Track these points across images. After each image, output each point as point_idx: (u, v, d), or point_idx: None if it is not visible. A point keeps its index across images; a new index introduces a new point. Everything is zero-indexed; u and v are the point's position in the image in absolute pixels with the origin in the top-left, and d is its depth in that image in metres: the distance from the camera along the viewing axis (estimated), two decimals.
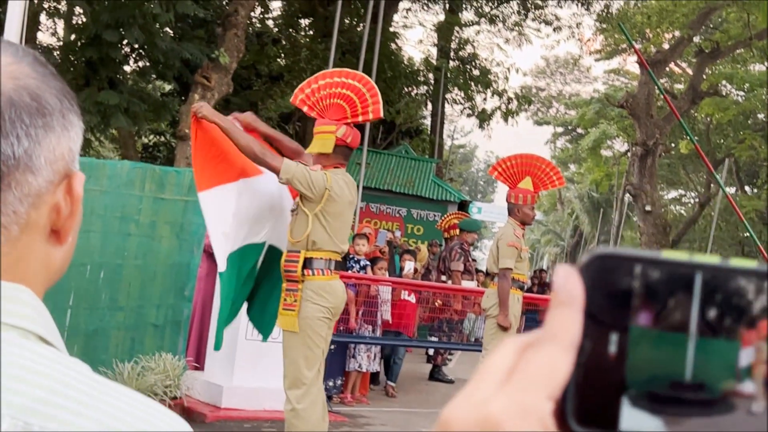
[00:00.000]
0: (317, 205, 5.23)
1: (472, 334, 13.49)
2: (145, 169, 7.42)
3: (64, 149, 0.88)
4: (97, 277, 7.07)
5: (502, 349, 0.52)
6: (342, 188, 5.33)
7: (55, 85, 0.89)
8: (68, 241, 0.92)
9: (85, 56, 14.24)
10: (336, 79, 5.56)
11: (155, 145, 26.35)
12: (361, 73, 5.80)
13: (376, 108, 5.52)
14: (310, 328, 5.23)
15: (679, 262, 0.48)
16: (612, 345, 0.49)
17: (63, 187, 0.89)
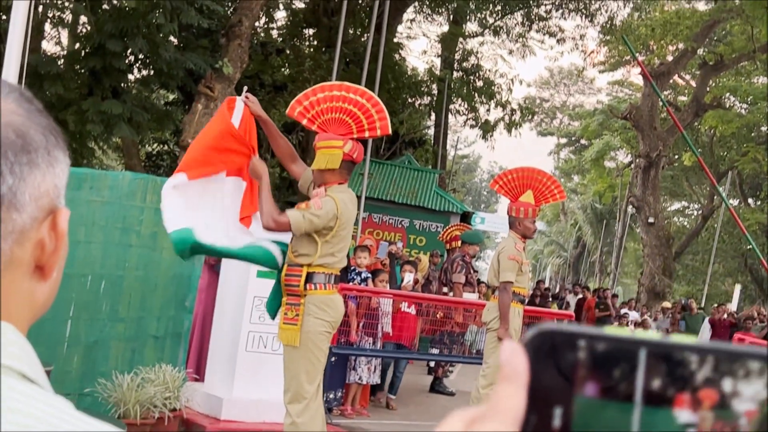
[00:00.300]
0: (329, 234, 5.24)
1: (473, 346, 13.47)
2: (146, 180, 7.42)
3: (49, 185, 0.89)
4: (97, 288, 7.06)
5: (449, 421, 0.53)
6: (348, 209, 5.32)
7: (40, 122, 0.89)
8: (53, 277, 0.92)
9: (89, 65, 14.27)
10: (336, 93, 5.48)
11: (159, 154, 26.40)
12: (363, 87, 5.74)
13: (384, 125, 5.48)
14: (312, 342, 5.22)
15: (623, 339, 0.48)
16: (556, 419, 0.49)
17: (48, 223, 0.89)
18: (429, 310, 10.86)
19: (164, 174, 23.96)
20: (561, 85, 57.72)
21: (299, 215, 5.17)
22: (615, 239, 43.09)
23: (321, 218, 5.16)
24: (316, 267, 5.25)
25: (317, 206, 5.18)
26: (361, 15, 23.19)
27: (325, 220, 5.17)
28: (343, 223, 5.26)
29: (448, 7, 26.21)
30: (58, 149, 0.90)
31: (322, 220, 5.16)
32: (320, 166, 5.35)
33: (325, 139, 5.38)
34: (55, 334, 6.79)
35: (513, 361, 0.51)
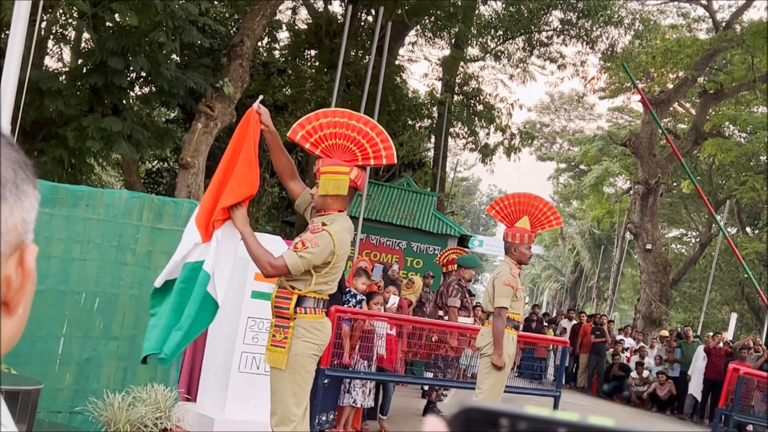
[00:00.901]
0: (324, 268, 5.24)
1: (468, 370, 13.44)
2: (143, 198, 7.43)
3: (17, 220, 0.87)
4: (91, 305, 7.06)
5: None
6: (344, 242, 5.31)
7: (10, 156, 0.87)
8: (18, 313, 0.91)
9: (90, 82, 14.32)
10: (339, 119, 5.46)
11: (158, 171, 26.45)
12: (366, 116, 5.73)
13: (390, 154, 5.47)
14: (300, 365, 5.22)
15: (543, 419, 0.49)
16: None
17: (15, 259, 0.88)
18: (418, 332, 10.81)
19: (163, 191, 24.00)
20: (561, 111, 57.83)
21: (296, 257, 5.15)
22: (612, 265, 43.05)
23: (317, 255, 5.15)
24: (308, 292, 5.25)
25: (313, 243, 5.16)
26: (363, 37, 23.28)
27: (322, 257, 5.17)
28: (341, 256, 5.26)
29: (449, 31, 26.31)
30: (27, 183, 0.89)
31: (318, 258, 5.15)
32: (327, 192, 5.33)
33: (330, 164, 5.36)
34: (47, 351, 6.79)
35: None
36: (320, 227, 5.25)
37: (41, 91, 13.55)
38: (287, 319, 5.26)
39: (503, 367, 7.74)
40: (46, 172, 13.93)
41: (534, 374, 18.83)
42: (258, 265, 5.25)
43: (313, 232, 5.23)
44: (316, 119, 5.49)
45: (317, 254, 5.14)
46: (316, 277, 5.22)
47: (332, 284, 5.34)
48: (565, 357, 13.17)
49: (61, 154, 14.40)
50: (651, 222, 31.16)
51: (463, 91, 28.68)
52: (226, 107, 15.32)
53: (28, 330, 6.61)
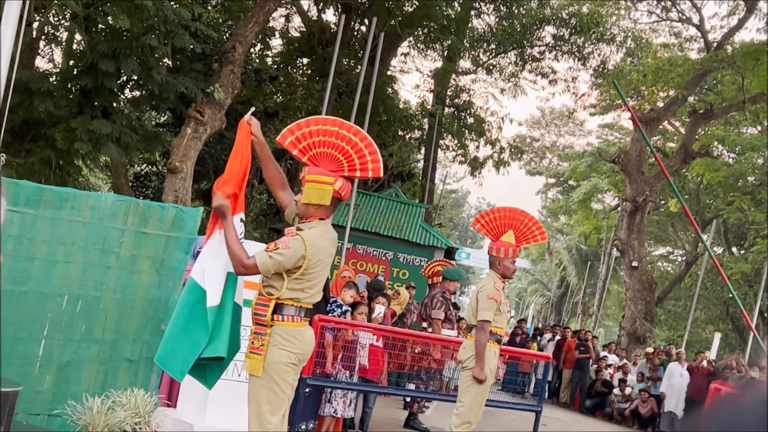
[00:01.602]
0: (295, 273, 5.22)
1: (451, 383, 13.44)
2: (128, 202, 7.40)
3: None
4: (74, 308, 7.02)
5: None
6: (320, 246, 5.27)
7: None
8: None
9: (80, 84, 14.29)
10: (330, 128, 5.45)
11: (147, 175, 26.39)
12: (357, 126, 5.72)
13: (376, 167, 5.45)
14: (276, 373, 5.20)
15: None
16: None
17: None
18: (400, 344, 10.81)
19: (151, 195, 23.95)
20: (552, 126, 58.02)
21: (266, 257, 5.16)
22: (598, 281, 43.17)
23: (287, 258, 5.14)
24: (285, 299, 5.24)
25: (285, 246, 5.17)
26: (355, 47, 23.32)
27: (291, 260, 5.15)
28: (314, 262, 5.23)
29: (442, 44, 26.37)
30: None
31: (288, 260, 5.14)
32: (310, 201, 5.32)
33: (315, 173, 5.34)
34: (27, 353, 6.75)
35: None
36: (294, 231, 5.26)
37: (31, 92, 13.52)
38: (264, 326, 5.26)
39: (485, 381, 7.74)
40: (33, 172, 13.88)
41: (517, 388, 18.84)
42: (232, 261, 5.27)
43: (287, 235, 5.25)
44: (306, 126, 5.48)
45: (287, 256, 5.14)
46: (289, 282, 5.20)
47: (310, 292, 5.30)
48: (547, 372, 13.18)
49: (49, 155, 14.36)
50: (638, 239, 31.25)
51: (454, 103, 28.74)
52: (216, 113, 15.31)
53: (9, 331, 6.58)
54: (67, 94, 14.73)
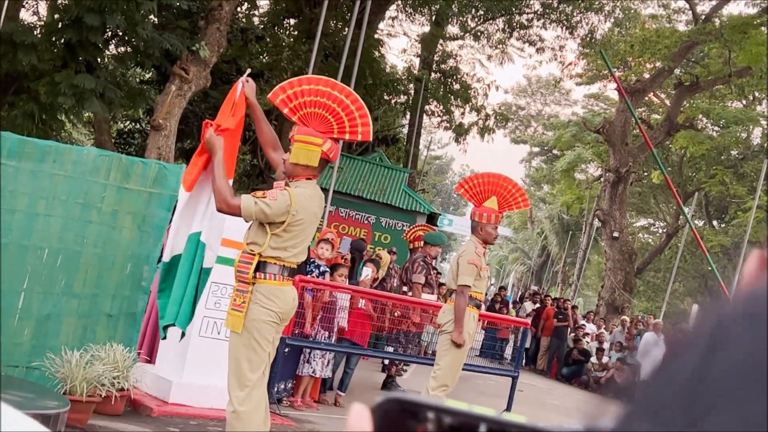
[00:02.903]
0: (278, 227, 5.22)
1: (430, 347, 13.52)
2: (111, 157, 7.37)
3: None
4: (54, 262, 7.01)
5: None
6: (306, 205, 5.28)
7: None
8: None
9: (65, 38, 14.17)
10: (322, 88, 5.46)
11: (130, 132, 26.24)
12: (349, 88, 5.73)
13: (366, 131, 5.48)
14: (257, 330, 5.22)
15: (463, 413, 0.51)
16: None
17: None
18: (384, 308, 10.87)
19: (134, 152, 23.84)
20: (538, 94, 57.98)
21: (251, 201, 5.17)
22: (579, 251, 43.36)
23: (272, 209, 5.15)
24: (268, 257, 5.25)
25: (272, 197, 5.19)
26: (343, 9, 23.17)
27: (276, 212, 5.16)
28: (298, 219, 5.24)
29: (431, 8, 26.25)
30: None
31: (272, 211, 5.15)
32: (298, 161, 5.33)
33: (304, 134, 5.36)
34: (7, 306, 6.74)
35: (358, 424, 0.53)
36: (283, 186, 5.28)
37: (15, 44, 13.40)
38: (247, 284, 5.27)
39: (463, 345, 7.79)
40: (15, 126, 13.78)
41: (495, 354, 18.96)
42: (216, 197, 5.27)
43: (275, 188, 5.26)
44: (298, 84, 5.48)
45: (273, 207, 5.15)
46: (271, 239, 5.21)
47: (293, 251, 5.32)
48: (525, 339, 13.27)
49: (32, 108, 14.26)
50: (619, 210, 31.37)
51: (441, 69, 28.66)
52: (201, 71, 15.22)
53: None
54: (51, 47, 14.60)
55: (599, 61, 30.10)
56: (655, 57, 30.21)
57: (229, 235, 7.20)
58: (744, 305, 0.47)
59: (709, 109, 33.12)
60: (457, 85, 28.06)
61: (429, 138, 41.62)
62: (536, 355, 21.87)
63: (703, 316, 0.49)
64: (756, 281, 0.50)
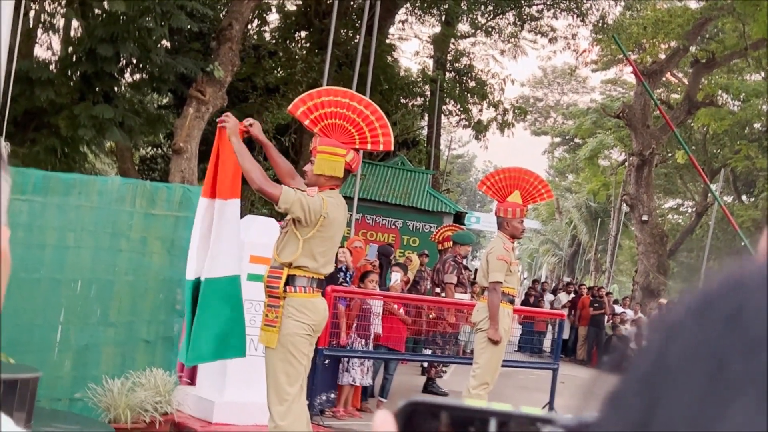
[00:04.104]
0: (310, 231, 5.25)
1: (468, 346, 13.50)
2: (135, 185, 7.45)
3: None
4: (88, 293, 7.08)
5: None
6: (336, 213, 5.34)
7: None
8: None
9: (80, 70, 14.30)
10: (341, 99, 5.52)
11: (152, 157, 26.41)
12: (368, 99, 5.79)
13: (387, 140, 5.54)
14: (291, 344, 5.25)
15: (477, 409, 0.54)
16: None
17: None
18: (417, 311, 10.88)
19: (158, 177, 23.98)
20: (554, 84, 57.80)
21: (292, 191, 5.21)
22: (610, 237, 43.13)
23: (310, 204, 5.18)
24: (296, 270, 5.28)
25: (309, 194, 5.25)
26: (352, 17, 23.21)
27: (313, 210, 5.20)
28: (328, 223, 5.28)
29: (439, 8, 26.24)
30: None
31: (310, 208, 5.18)
32: (323, 171, 5.38)
33: (328, 145, 5.41)
34: (45, 339, 6.82)
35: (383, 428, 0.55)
36: (315, 191, 5.32)
37: (32, 81, 13.54)
38: (278, 298, 5.31)
39: (500, 342, 7.79)
40: (39, 161, 13.92)
41: (533, 348, 18.91)
42: (251, 175, 5.24)
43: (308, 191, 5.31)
44: (318, 96, 5.54)
45: (310, 203, 5.19)
46: (303, 245, 5.23)
47: (322, 260, 5.35)
48: (562, 330, 13.23)
49: (53, 143, 14.39)
50: (647, 193, 31.19)
51: (455, 67, 28.62)
52: (216, 91, 15.30)
53: (26, 319, 6.64)
54: (67, 81, 14.73)
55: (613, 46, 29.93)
56: (669, 37, 30.00)
57: (256, 251, 7.23)
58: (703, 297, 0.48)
59: (728, 84, 32.86)
60: (473, 82, 28.00)
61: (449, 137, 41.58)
62: (575, 345, 21.79)
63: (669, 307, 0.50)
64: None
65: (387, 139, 5.53)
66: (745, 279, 0.47)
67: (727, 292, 0.47)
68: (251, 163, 5.26)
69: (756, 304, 0.43)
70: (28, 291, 6.69)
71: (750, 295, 0.45)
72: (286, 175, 5.72)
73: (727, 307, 0.45)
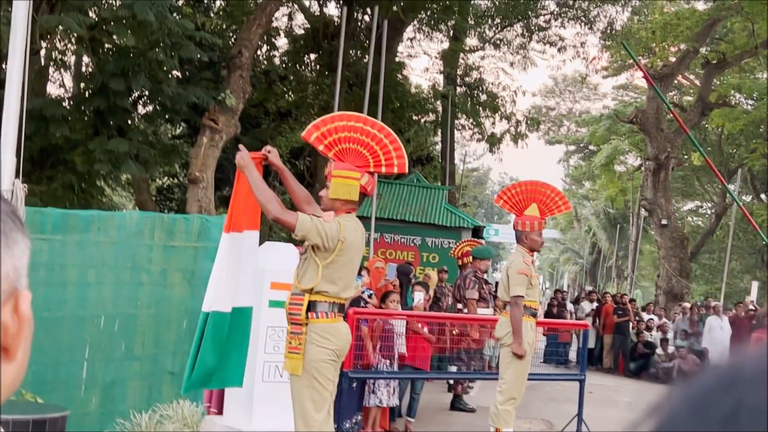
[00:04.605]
0: (329, 256, 5.26)
1: (493, 360, 13.45)
2: (153, 218, 7.50)
3: (9, 268, 0.89)
4: (111, 328, 7.12)
5: None
6: (354, 236, 5.36)
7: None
8: (18, 358, 0.92)
9: (94, 106, 14.40)
10: (354, 124, 5.54)
11: (169, 187, 26.53)
12: (380, 123, 5.82)
13: (401, 163, 5.56)
14: (316, 370, 5.26)
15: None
16: None
17: (10, 306, 0.89)
18: (441, 328, 10.86)
19: (176, 207, 24.08)
20: (566, 93, 57.77)
21: (308, 217, 5.23)
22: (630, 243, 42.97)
23: (327, 230, 5.20)
24: (317, 295, 5.29)
25: (326, 219, 5.27)
26: (360, 37, 23.29)
27: (330, 235, 5.21)
28: (346, 247, 5.29)
29: (447, 24, 26.29)
30: (16, 231, 0.91)
31: (327, 234, 5.20)
32: (338, 196, 5.41)
33: (342, 169, 5.44)
34: (71, 377, 6.84)
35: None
36: (331, 216, 5.33)
37: (46, 119, 13.64)
38: (300, 325, 5.31)
39: (524, 356, 7.77)
40: (57, 198, 14.01)
41: (559, 359, 18.83)
42: (266, 206, 5.26)
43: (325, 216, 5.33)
44: (331, 122, 5.56)
45: (327, 229, 5.21)
46: (323, 270, 5.25)
47: (341, 284, 5.36)
48: (586, 340, 13.15)
49: (70, 179, 14.49)
50: (664, 197, 31.08)
51: (465, 82, 28.64)
52: (229, 119, 15.37)
53: (51, 357, 6.67)
54: (81, 117, 14.84)
55: (623, 52, 29.92)
56: (678, 39, 29.95)
57: (276, 278, 7.24)
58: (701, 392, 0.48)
59: (740, 83, 32.75)
60: (484, 95, 28.02)
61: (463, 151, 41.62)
62: (601, 353, 21.67)
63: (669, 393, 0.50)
64: None
65: (401, 161, 5.55)
66: (742, 374, 0.47)
67: (724, 388, 0.46)
68: (266, 194, 5.28)
69: (753, 402, 0.43)
70: (53, 329, 6.73)
71: (747, 393, 0.44)
72: (303, 202, 5.73)
73: (724, 405, 0.44)
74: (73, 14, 13.01)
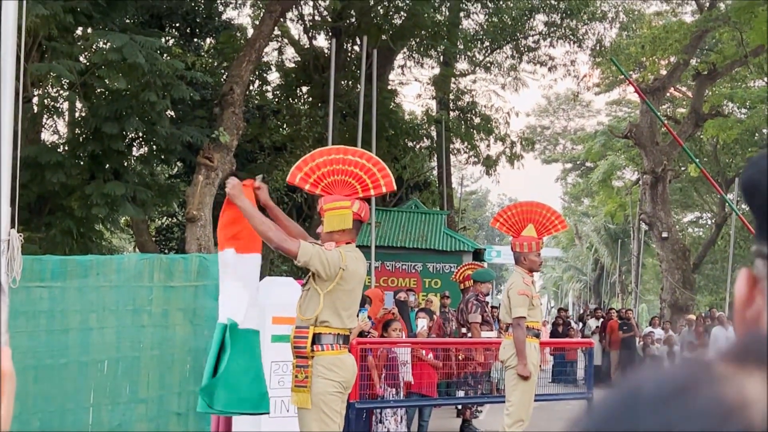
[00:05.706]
0: (330, 284, 5.27)
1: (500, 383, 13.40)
2: (152, 259, 7.50)
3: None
4: (115, 372, 7.11)
5: None
6: (355, 266, 5.37)
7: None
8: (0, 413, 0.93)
9: (88, 150, 14.44)
10: (335, 156, 5.59)
11: (168, 227, 26.54)
12: (360, 149, 5.87)
13: (388, 182, 5.59)
14: (324, 403, 5.26)
15: None
16: None
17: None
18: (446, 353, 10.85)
19: (176, 246, 24.10)
20: (560, 111, 57.99)
21: (310, 245, 5.24)
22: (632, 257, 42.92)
23: (329, 258, 5.22)
24: (321, 327, 5.29)
25: (327, 249, 5.28)
26: (351, 67, 23.40)
27: (332, 264, 5.23)
28: (348, 276, 5.30)
29: (436, 50, 26.40)
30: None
31: (329, 262, 5.21)
32: (334, 228, 5.43)
33: (332, 201, 5.47)
34: (78, 423, 6.83)
35: None
36: (333, 246, 5.35)
37: (41, 166, 13.66)
38: (306, 358, 5.32)
39: (530, 377, 7.76)
40: (56, 244, 14.00)
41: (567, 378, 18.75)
42: (267, 234, 5.24)
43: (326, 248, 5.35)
44: (312, 160, 5.60)
45: (329, 256, 5.23)
46: (324, 299, 5.25)
47: (344, 314, 5.36)
48: (592, 358, 13.11)
49: (68, 224, 14.49)
50: (664, 210, 31.12)
51: (458, 106, 28.72)
52: (224, 156, 15.42)
53: (57, 404, 6.67)
54: (76, 162, 14.87)
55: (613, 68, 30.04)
56: (668, 52, 30.10)
57: (278, 312, 7.25)
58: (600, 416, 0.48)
59: (732, 93, 32.86)
60: (477, 118, 28.09)
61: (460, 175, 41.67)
62: (609, 370, 21.60)
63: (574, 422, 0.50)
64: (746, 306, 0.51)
65: (387, 180, 5.58)
66: (640, 397, 0.47)
67: (623, 411, 0.46)
68: (264, 224, 5.29)
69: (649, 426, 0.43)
70: (57, 376, 6.72)
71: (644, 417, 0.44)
72: (298, 237, 5.75)
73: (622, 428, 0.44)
74: (63, 61, 13.07)
